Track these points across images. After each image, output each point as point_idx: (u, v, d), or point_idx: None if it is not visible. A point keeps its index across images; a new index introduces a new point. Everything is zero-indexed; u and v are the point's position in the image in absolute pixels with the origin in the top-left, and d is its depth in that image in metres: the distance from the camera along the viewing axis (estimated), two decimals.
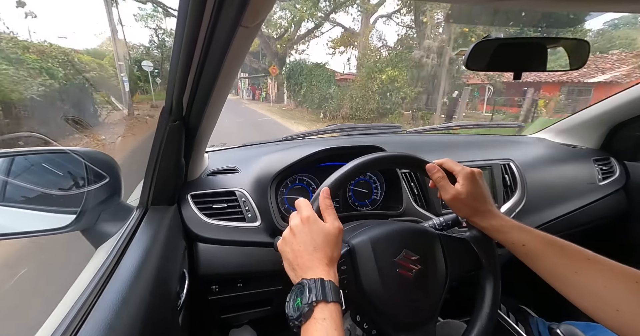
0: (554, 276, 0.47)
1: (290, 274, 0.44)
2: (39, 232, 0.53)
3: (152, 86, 14.04)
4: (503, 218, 0.54)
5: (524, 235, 0.51)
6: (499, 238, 0.53)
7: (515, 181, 1.04)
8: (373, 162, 0.55)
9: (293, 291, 0.41)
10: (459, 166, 0.56)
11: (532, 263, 0.50)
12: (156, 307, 0.48)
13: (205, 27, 0.36)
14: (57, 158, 0.60)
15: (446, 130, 1.48)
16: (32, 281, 1.87)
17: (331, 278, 0.40)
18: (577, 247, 0.47)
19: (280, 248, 0.46)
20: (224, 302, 0.82)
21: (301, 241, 0.43)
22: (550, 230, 1.08)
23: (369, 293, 0.49)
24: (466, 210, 0.55)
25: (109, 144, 5.40)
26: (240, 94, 27.64)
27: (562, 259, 0.46)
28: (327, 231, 0.44)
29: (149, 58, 20.11)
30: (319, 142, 1.08)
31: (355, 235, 0.55)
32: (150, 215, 0.64)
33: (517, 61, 0.67)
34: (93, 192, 0.56)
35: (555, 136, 1.40)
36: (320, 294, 0.38)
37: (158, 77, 16.04)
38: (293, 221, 0.45)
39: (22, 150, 0.57)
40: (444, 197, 0.55)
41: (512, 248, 0.51)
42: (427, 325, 0.53)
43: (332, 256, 0.43)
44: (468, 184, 0.53)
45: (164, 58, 19.34)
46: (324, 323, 0.37)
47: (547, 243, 0.49)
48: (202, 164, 0.85)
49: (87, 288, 0.44)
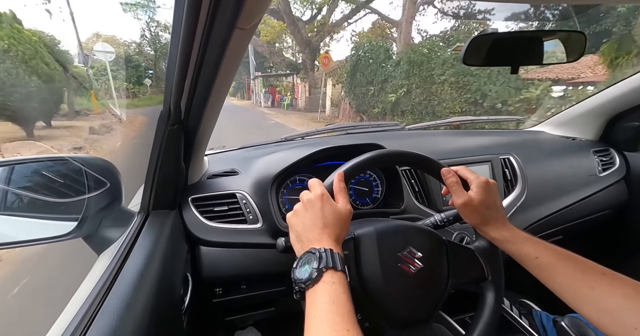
0: (568, 291, 0.45)
1: (295, 246, 0.46)
2: (41, 240, 0.53)
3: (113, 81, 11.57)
4: (514, 229, 0.53)
5: (537, 247, 0.49)
6: (509, 249, 0.52)
7: (516, 175, 1.04)
8: (389, 157, 0.55)
9: (301, 259, 0.42)
10: (473, 174, 0.55)
11: (544, 276, 0.48)
12: (160, 311, 0.48)
13: (201, 30, 0.36)
14: (56, 166, 0.59)
15: (444, 126, 1.48)
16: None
17: (338, 252, 0.42)
18: (591, 262, 0.46)
19: (290, 220, 0.47)
20: (228, 304, 0.82)
21: (313, 216, 0.45)
22: (552, 223, 1.10)
23: (368, 282, 0.49)
24: (477, 218, 0.54)
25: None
26: (254, 99, 20.77)
27: (577, 273, 0.45)
28: (339, 210, 0.46)
29: (141, 56, 19.13)
30: (318, 142, 1.08)
31: (361, 226, 0.55)
32: (152, 220, 0.64)
33: (514, 55, 0.67)
34: (94, 198, 0.56)
35: (554, 128, 1.40)
36: (330, 261, 0.40)
37: (150, 78, 15.56)
38: (306, 196, 0.47)
39: (22, 158, 0.56)
40: (456, 202, 0.54)
41: (523, 260, 0.50)
42: (422, 326, 0.52)
43: (339, 235, 0.45)
44: (482, 192, 0.53)
45: (158, 56, 18.65)
46: (333, 286, 0.38)
47: (561, 256, 0.48)
48: (202, 167, 0.85)
49: (90, 294, 0.44)
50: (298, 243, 0.45)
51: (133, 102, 14.54)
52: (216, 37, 0.37)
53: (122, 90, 13.84)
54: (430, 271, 0.52)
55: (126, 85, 13.51)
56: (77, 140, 5.83)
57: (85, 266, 0.57)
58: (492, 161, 1.03)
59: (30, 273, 2.03)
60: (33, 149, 4.64)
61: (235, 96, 33.70)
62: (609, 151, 1.27)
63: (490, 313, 0.53)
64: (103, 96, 11.81)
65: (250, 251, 0.77)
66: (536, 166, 1.09)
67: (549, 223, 1.09)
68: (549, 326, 0.94)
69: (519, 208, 1.00)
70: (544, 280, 0.48)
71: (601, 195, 1.18)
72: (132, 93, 13.86)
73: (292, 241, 0.46)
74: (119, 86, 13.20)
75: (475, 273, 0.56)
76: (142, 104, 13.89)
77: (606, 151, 1.27)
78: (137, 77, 13.95)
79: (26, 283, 1.89)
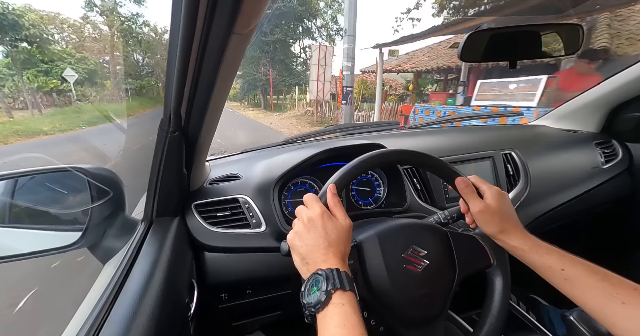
0: (596, 305, 0.43)
1: (301, 268, 0.45)
2: (47, 251, 0.53)
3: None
4: (536, 239, 0.51)
5: (562, 259, 0.48)
6: (532, 259, 0.50)
7: (518, 170, 1.04)
8: (379, 158, 0.55)
9: (308, 281, 0.42)
10: (486, 184, 0.55)
11: (571, 289, 0.46)
12: (167, 319, 0.47)
13: (199, 35, 0.36)
14: (59, 176, 0.60)
15: (444, 123, 1.47)
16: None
17: (345, 270, 0.41)
18: (620, 277, 0.44)
19: (291, 242, 0.46)
20: (234, 310, 0.82)
21: (316, 236, 0.44)
22: (556, 216, 1.09)
23: (376, 288, 0.49)
24: (494, 226, 0.53)
25: None
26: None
27: (607, 288, 0.43)
28: (341, 226, 0.45)
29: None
30: (319, 144, 1.08)
31: (362, 231, 0.55)
32: (156, 227, 0.64)
33: (512, 49, 0.67)
34: (97, 208, 0.57)
35: (555, 122, 1.39)
36: (338, 282, 0.39)
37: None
38: (306, 215, 0.46)
39: (25, 170, 0.57)
40: (473, 209, 0.54)
41: (547, 271, 0.48)
42: (435, 322, 0.52)
43: (344, 251, 0.45)
44: (498, 200, 0.53)
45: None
46: (343, 308, 0.38)
47: (588, 269, 0.46)
48: (203, 173, 0.85)
49: (97, 303, 0.44)
50: (304, 266, 0.44)
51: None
52: (214, 42, 0.38)
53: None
54: (437, 267, 0.52)
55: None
56: None
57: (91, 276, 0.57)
58: (493, 156, 1.03)
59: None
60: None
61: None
62: (611, 142, 1.27)
63: (500, 298, 0.53)
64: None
65: (254, 255, 0.76)
66: (538, 161, 1.09)
67: (553, 217, 1.08)
68: (556, 320, 0.94)
69: (522, 203, 0.99)
70: (570, 293, 0.46)
71: (605, 187, 1.18)
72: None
73: (297, 264, 0.45)
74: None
75: (480, 259, 0.56)
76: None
77: (608, 142, 1.26)
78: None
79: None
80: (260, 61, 20.04)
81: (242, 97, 27.75)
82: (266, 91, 20.48)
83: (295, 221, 0.47)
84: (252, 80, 21.06)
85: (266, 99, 21.73)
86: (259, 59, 19.97)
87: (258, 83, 20.91)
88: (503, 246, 0.54)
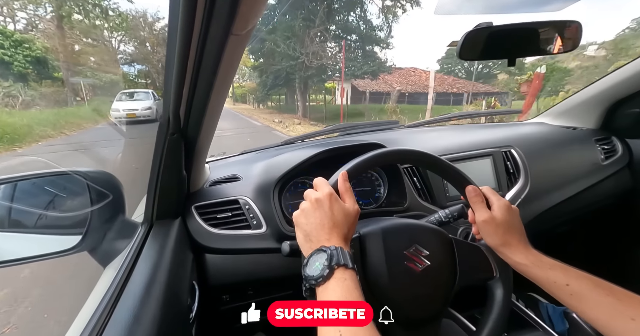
0: (605, 321, 0.42)
1: (304, 245, 0.45)
2: (47, 255, 0.53)
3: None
4: (539, 254, 0.51)
5: (567, 274, 0.47)
6: (535, 274, 0.49)
7: (518, 167, 1.04)
8: (389, 156, 0.55)
9: (311, 256, 0.42)
10: (496, 195, 0.55)
11: (577, 305, 0.45)
12: (169, 321, 0.47)
13: (197, 38, 0.36)
14: (59, 180, 0.60)
15: (444, 122, 1.47)
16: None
17: (348, 251, 0.42)
18: (628, 291, 0.43)
19: (297, 219, 0.46)
20: (235, 311, 0.82)
21: (322, 215, 0.44)
22: (556, 214, 1.09)
23: (373, 281, 0.49)
24: (498, 238, 0.52)
25: None
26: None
27: (614, 303, 0.42)
28: (348, 210, 0.46)
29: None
30: (319, 144, 1.07)
31: (366, 225, 0.54)
32: (156, 230, 0.64)
33: (510, 47, 0.66)
34: (97, 211, 0.56)
35: (554, 119, 1.39)
36: (341, 259, 0.40)
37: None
38: (314, 195, 0.46)
39: (24, 175, 0.56)
40: (478, 219, 0.53)
41: (551, 287, 0.48)
42: (431, 323, 0.52)
43: (347, 234, 0.45)
44: (504, 213, 0.52)
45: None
46: (345, 282, 0.38)
47: (594, 284, 0.45)
48: (203, 175, 0.85)
49: (98, 307, 0.44)
50: (307, 243, 0.44)
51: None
52: (212, 44, 0.37)
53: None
54: (437, 269, 0.52)
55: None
56: None
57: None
58: (493, 154, 1.03)
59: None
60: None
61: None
62: (611, 139, 1.27)
63: (499, 310, 0.53)
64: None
65: (255, 256, 0.76)
66: (538, 158, 1.09)
67: (553, 214, 1.08)
68: (554, 317, 0.94)
69: (522, 201, 0.99)
70: (575, 308, 0.45)
71: (605, 184, 1.18)
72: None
73: (300, 240, 0.46)
74: None
75: (482, 270, 0.55)
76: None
77: (608, 139, 1.26)
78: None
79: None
80: (310, 32, 11.34)
81: (263, 97, 17.92)
82: (306, 85, 12.86)
83: (303, 203, 0.47)
84: (284, 69, 12.28)
85: (293, 99, 14.43)
86: (307, 29, 11.43)
87: (295, 72, 12.19)
88: (505, 260, 0.53)
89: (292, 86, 13.99)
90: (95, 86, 9.57)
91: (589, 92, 1.24)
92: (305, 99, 13.88)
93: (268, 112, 16.34)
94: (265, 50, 12.92)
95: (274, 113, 15.73)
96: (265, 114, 15.65)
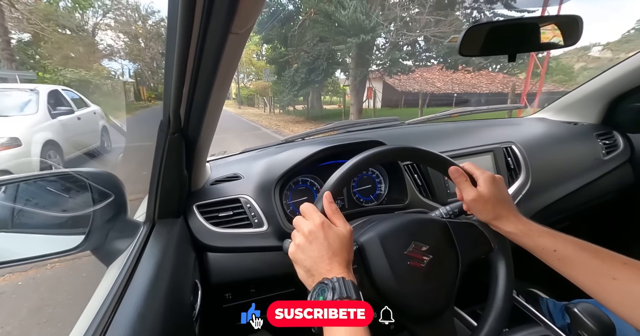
0: (590, 283, 0.45)
1: (306, 281, 0.44)
2: (51, 255, 0.54)
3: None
4: (529, 222, 0.52)
5: (554, 240, 0.49)
6: (526, 242, 0.51)
7: (519, 163, 1.04)
8: (395, 154, 0.56)
9: (314, 291, 0.41)
10: (479, 170, 0.55)
11: (565, 269, 0.48)
12: (172, 320, 0.48)
13: (196, 36, 0.36)
14: (60, 181, 0.60)
15: (445, 118, 1.47)
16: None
17: (351, 279, 0.41)
18: (611, 252, 0.45)
19: (294, 255, 0.45)
20: (238, 309, 0.82)
21: (319, 247, 0.43)
22: (558, 209, 1.09)
23: (382, 289, 0.49)
24: (488, 213, 0.53)
25: None
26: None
27: (598, 265, 0.44)
28: (342, 234, 0.45)
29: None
30: (319, 142, 1.07)
31: (363, 233, 0.55)
32: (158, 229, 0.64)
33: (511, 43, 0.66)
34: (99, 211, 0.57)
35: (555, 114, 1.39)
36: (344, 291, 0.39)
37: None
38: (306, 227, 0.45)
39: (26, 176, 0.57)
40: (466, 198, 0.54)
41: (541, 253, 0.50)
42: (444, 314, 0.53)
43: (348, 258, 0.44)
44: (490, 187, 0.53)
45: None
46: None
47: (580, 248, 0.47)
48: (204, 174, 0.85)
49: (102, 306, 0.44)
50: (309, 278, 0.43)
51: None
52: (211, 43, 0.37)
53: None
54: (440, 259, 0.52)
55: None
56: None
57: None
58: (494, 150, 1.02)
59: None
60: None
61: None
62: (612, 133, 1.26)
63: (504, 282, 0.54)
64: None
65: (257, 254, 0.77)
66: (539, 153, 1.09)
67: (555, 209, 1.08)
68: (555, 313, 0.94)
69: (524, 196, 0.99)
70: (564, 272, 0.48)
71: (607, 178, 1.18)
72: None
73: (302, 277, 0.44)
74: None
75: (481, 245, 0.57)
76: None
77: (609, 133, 1.26)
78: None
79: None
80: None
81: (290, 100, 11.56)
82: (364, 79, 8.79)
83: (295, 233, 0.46)
84: (324, 56, 9.02)
85: (320, 101, 10.10)
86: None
87: (365, 57, 8.59)
88: (499, 232, 0.55)
89: (324, 83, 9.67)
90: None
91: (590, 87, 1.23)
92: (361, 100, 9.86)
93: (292, 121, 10.93)
94: (293, 33, 9.37)
95: (300, 121, 10.45)
96: (291, 124, 10.40)
